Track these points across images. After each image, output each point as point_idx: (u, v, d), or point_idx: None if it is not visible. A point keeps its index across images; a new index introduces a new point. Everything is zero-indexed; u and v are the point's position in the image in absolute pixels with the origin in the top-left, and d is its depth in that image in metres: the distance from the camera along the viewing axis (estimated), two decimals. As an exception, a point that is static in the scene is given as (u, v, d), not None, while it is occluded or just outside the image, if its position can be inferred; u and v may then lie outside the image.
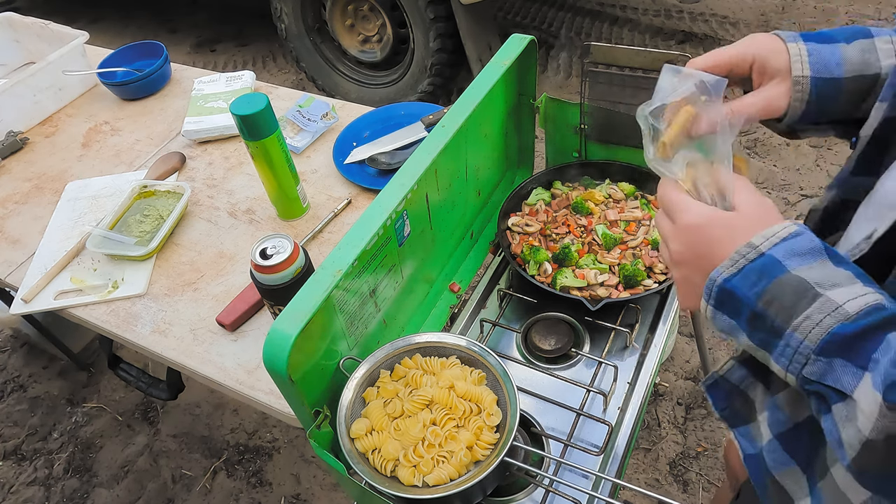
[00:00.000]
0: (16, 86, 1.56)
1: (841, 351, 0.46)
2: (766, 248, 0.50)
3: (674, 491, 1.73)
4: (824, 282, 0.48)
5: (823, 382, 0.46)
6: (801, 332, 0.47)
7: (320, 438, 0.87)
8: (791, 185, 2.48)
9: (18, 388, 2.24)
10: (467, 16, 2.57)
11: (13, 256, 1.29)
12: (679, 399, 1.90)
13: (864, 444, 0.44)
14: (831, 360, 0.46)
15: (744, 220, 0.54)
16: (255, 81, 1.63)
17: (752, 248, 0.51)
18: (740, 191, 0.56)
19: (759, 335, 0.51)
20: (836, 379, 0.46)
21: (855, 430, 0.44)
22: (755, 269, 0.50)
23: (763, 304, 0.50)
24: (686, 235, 0.58)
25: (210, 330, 1.10)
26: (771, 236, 0.51)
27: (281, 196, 1.24)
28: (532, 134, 1.33)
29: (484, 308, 1.21)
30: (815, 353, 0.47)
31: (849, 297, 0.46)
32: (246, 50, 3.84)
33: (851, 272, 0.49)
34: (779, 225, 0.51)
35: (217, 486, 1.89)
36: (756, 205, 0.55)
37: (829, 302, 0.46)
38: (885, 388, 0.42)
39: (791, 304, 0.48)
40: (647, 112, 0.63)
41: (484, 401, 0.88)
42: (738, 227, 0.54)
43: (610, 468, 0.95)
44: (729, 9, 3.51)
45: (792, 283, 0.48)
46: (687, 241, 0.58)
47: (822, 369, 0.46)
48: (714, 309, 0.54)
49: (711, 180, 0.59)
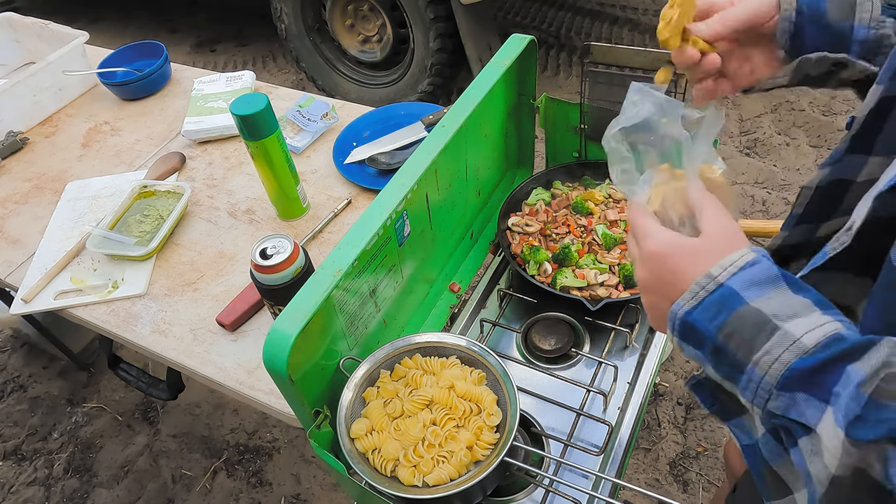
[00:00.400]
0: (16, 86, 1.56)
1: (802, 385, 0.45)
2: (724, 279, 0.50)
3: (674, 491, 1.73)
4: (781, 313, 0.47)
5: (788, 416, 0.46)
6: (760, 367, 0.47)
7: (320, 438, 0.87)
8: (791, 184, 2.48)
9: (18, 388, 2.24)
10: (467, 16, 2.57)
11: (13, 256, 1.30)
12: (679, 399, 1.90)
13: (831, 481, 0.43)
14: (794, 395, 0.45)
15: (706, 247, 0.53)
16: (255, 81, 1.63)
17: (710, 279, 0.50)
18: (706, 212, 0.56)
19: (723, 368, 0.51)
20: (800, 413, 0.45)
21: (822, 466, 0.44)
22: (714, 301, 0.50)
23: (723, 337, 0.49)
24: (650, 262, 0.57)
25: (210, 330, 1.10)
26: (729, 265, 0.50)
27: (281, 196, 1.24)
28: (532, 134, 1.33)
29: (484, 308, 1.21)
30: (776, 388, 0.46)
31: (807, 328, 0.46)
32: (246, 50, 3.84)
33: (810, 300, 0.48)
34: (736, 253, 0.51)
35: (217, 486, 1.89)
36: (721, 229, 0.54)
37: (787, 335, 0.46)
38: (847, 425, 0.41)
39: (750, 338, 0.48)
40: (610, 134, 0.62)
41: (484, 401, 0.88)
42: (700, 254, 0.53)
43: (610, 468, 0.95)
44: (729, 9, 3.51)
45: (750, 316, 0.48)
46: (651, 269, 0.57)
47: (785, 403, 0.46)
48: (679, 340, 0.54)
49: (679, 200, 0.58)
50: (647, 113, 0.61)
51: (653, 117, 0.61)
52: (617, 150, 0.62)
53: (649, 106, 0.61)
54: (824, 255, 0.53)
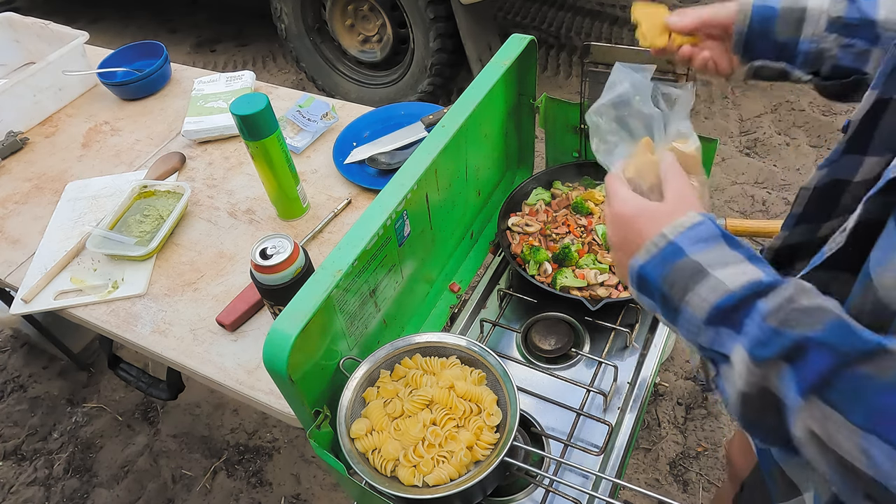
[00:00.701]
0: (16, 86, 1.56)
1: (723, 320, 0.52)
2: (673, 237, 0.57)
3: (674, 491, 1.73)
4: (714, 262, 0.54)
5: (713, 349, 0.53)
6: (692, 307, 0.54)
7: (320, 438, 0.87)
8: (791, 185, 2.48)
9: (18, 388, 2.24)
10: (467, 16, 2.57)
11: (13, 256, 1.29)
12: (679, 399, 1.90)
13: (740, 397, 0.51)
14: (718, 329, 0.52)
15: (664, 211, 0.60)
16: (255, 81, 1.63)
17: (663, 237, 0.58)
18: (670, 182, 0.63)
19: (669, 313, 0.57)
20: (721, 344, 0.52)
21: (733, 386, 0.51)
22: (663, 255, 0.57)
23: (667, 285, 0.56)
24: (616, 222, 0.64)
25: (210, 330, 1.10)
26: (678, 226, 0.57)
27: (281, 196, 1.24)
28: (532, 134, 1.33)
29: (484, 308, 1.21)
30: (704, 323, 0.53)
31: (732, 274, 0.52)
32: (246, 50, 3.84)
33: (742, 254, 0.54)
34: (687, 216, 0.58)
35: (217, 486, 1.89)
36: (679, 195, 0.62)
37: (715, 280, 0.53)
38: (751, 348, 0.48)
39: (686, 284, 0.55)
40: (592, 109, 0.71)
41: (484, 401, 0.88)
42: (659, 217, 0.60)
43: (610, 468, 0.95)
44: (729, 9, 3.51)
45: (689, 266, 0.55)
46: (617, 228, 0.64)
47: (711, 337, 0.53)
48: (636, 291, 0.61)
49: (651, 171, 0.65)
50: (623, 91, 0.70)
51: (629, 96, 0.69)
52: (597, 124, 0.70)
53: (627, 85, 0.70)
54: (822, 255, 0.57)
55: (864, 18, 0.70)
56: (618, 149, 0.69)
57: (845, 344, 0.44)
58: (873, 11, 0.69)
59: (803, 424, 0.46)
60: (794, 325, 0.47)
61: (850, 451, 0.43)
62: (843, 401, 0.43)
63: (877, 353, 0.43)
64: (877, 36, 0.69)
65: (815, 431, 0.45)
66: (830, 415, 0.44)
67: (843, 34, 0.71)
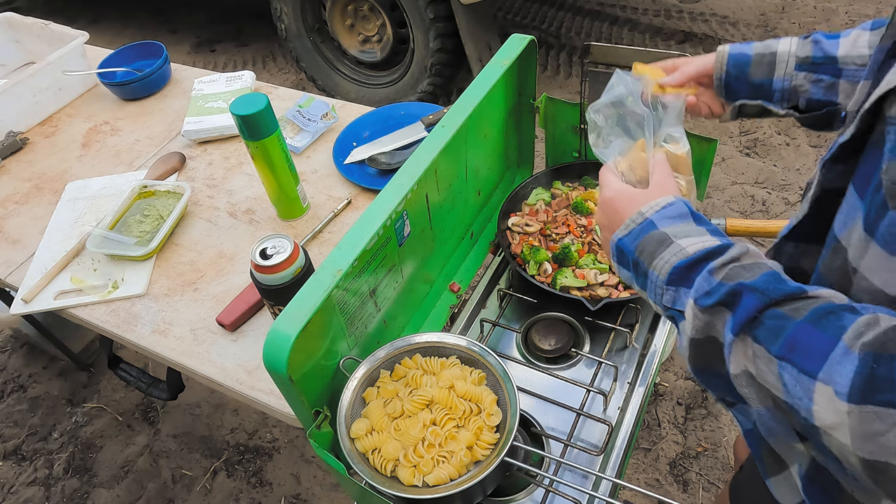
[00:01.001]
0: (16, 86, 1.56)
1: (681, 280, 0.59)
2: (649, 214, 0.65)
3: (674, 491, 1.73)
4: (679, 233, 0.61)
5: (674, 307, 0.60)
6: (656, 269, 0.61)
7: (320, 438, 0.87)
8: (791, 184, 2.48)
9: (18, 388, 2.24)
10: (467, 16, 2.57)
11: (13, 256, 1.29)
12: (679, 399, 1.90)
13: (690, 343, 0.57)
14: (678, 289, 0.59)
15: (645, 195, 0.68)
16: (255, 81, 1.63)
17: (640, 214, 0.66)
18: (655, 173, 0.72)
19: (640, 279, 0.64)
20: (680, 303, 0.59)
21: (685, 336, 0.58)
22: (637, 230, 0.65)
23: (638, 252, 0.64)
24: (604, 205, 0.72)
25: (210, 330, 1.10)
26: (654, 206, 0.66)
27: (281, 196, 1.24)
28: (532, 134, 1.33)
29: (484, 308, 1.21)
30: (665, 283, 0.60)
31: (692, 242, 0.60)
32: (246, 50, 3.84)
33: (706, 228, 0.62)
34: (663, 198, 0.66)
35: (217, 486, 1.89)
36: (660, 184, 0.70)
37: (677, 246, 0.60)
38: (697, 297, 0.56)
39: (653, 251, 0.62)
40: (591, 108, 0.80)
41: (484, 401, 0.88)
42: (640, 200, 0.68)
43: (610, 468, 0.95)
44: (729, 9, 3.51)
45: (657, 236, 0.63)
46: (603, 210, 0.73)
47: (672, 297, 0.60)
48: (616, 263, 0.69)
49: (641, 166, 0.74)
50: (620, 93, 0.78)
51: (624, 97, 0.78)
52: (594, 121, 0.79)
53: (622, 88, 0.79)
54: (790, 225, 0.63)
55: (828, 56, 0.81)
56: (613, 145, 0.76)
57: (773, 289, 0.51)
58: (834, 50, 0.81)
59: (738, 363, 0.52)
60: (735, 278, 0.54)
61: (773, 383, 0.49)
62: (767, 337, 0.50)
63: (798, 296, 0.51)
64: (839, 70, 0.81)
65: (748, 369, 0.52)
66: (757, 350, 0.50)
67: (812, 71, 0.83)
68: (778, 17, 3.42)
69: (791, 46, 0.84)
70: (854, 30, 0.82)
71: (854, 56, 0.79)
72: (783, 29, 3.31)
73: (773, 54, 0.85)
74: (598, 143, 0.79)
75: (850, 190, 0.53)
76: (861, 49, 0.79)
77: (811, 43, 0.83)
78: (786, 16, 3.42)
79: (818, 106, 0.83)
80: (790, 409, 0.48)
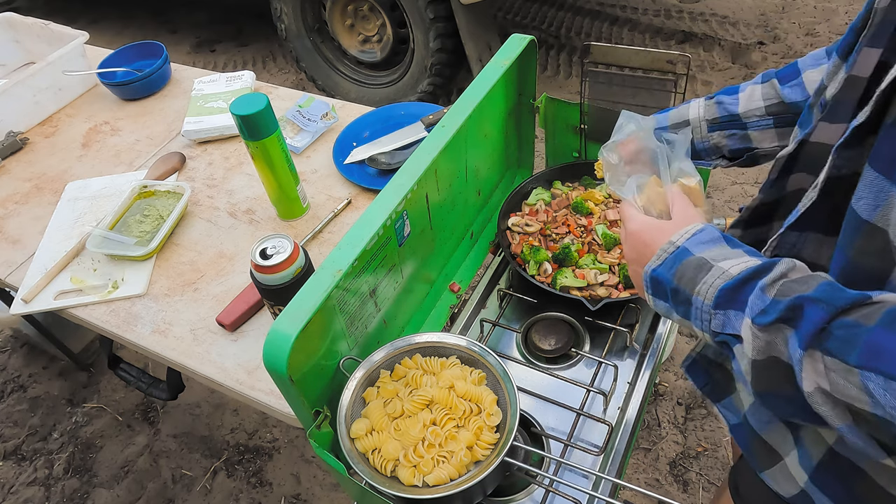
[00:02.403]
0: (16, 86, 1.56)
1: (729, 303, 0.57)
2: (680, 242, 0.65)
3: (674, 491, 1.73)
4: (718, 257, 0.61)
5: (725, 332, 0.58)
6: (701, 294, 0.60)
7: (320, 438, 0.87)
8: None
9: (18, 388, 2.24)
10: (467, 16, 2.57)
11: (13, 256, 1.29)
12: (679, 399, 1.90)
13: (752, 366, 0.55)
14: (727, 312, 0.57)
15: (671, 226, 0.68)
16: (255, 81, 1.63)
17: (671, 244, 0.65)
18: (676, 204, 0.72)
19: (681, 308, 0.63)
20: (732, 326, 0.57)
21: (745, 358, 0.55)
22: (672, 258, 0.65)
23: (677, 280, 0.63)
24: (631, 239, 0.73)
25: (210, 330, 1.10)
26: (684, 233, 0.65)
27: (281, 196, 1.24)
28: (532, 134, 1.33)
29: (484, 308, 1.21)
30: (713, 308, 0.59)
31: (734, 264, 0.59)
32: (246, 50, 3.84)
33: (742, 250, 0.61)
34: (691, 225, 0.66)
35: (217, 486, 1.89)
36: (684, 214, 0.70)
37: (718, 269, 0.59)
38: (753, 317, 0.54)
39: (693, 276, 0.61)
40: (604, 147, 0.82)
41: (484, 401, 0.88)
42: (667, 230, 0.68)
43: (610, 468, 0.95)
44: (729, 9, 3.51)
45: (695, 261, 0.62)
46: (631, 244, 0.72)
47: (721, 321, 0.58)
48: (651, 296, 0.68)
49: (659, 200, 0.75)
50: (630, 131, 0.80)
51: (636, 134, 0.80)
52: (608, 159, 0.81)
53: (633, 126, 0.80)
54: (797, 212, 0.62)
55: (731, 115, 0.90)
56: (629, 181, 0.78)
57: (836, 297, 0.50)
58: (735, 108, 0.90)
59: (811, 380, 0.49)
60: (790, 293, 0.52)
61: (855, 395, 0.46)
62: (841, 348, 0.47)
63: (863, 303, 0.49)
64: (745, 124, 0.89)
65: (823, 386, 0.49)
66: (831, 363, 0.48)
67: (723, 129, 0.91)
68: (778, 17, 3.42)
69: (699, 111, 0.93)
70: (748, 85, 0.90)
71: (752, 110, 0.88)
72: (783, 29, 3.31)
73: (687, 122, 0.94)
74: (613, 181, 0.80)
75: (868, 170, 0.51)
76: (757, 103, 0.88)
77: (715, 105, 0.92)
78: (786, 16, 3.42)
79: (740, 153, 0.92)
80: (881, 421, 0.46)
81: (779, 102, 0.86)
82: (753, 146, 0.90)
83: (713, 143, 0.93)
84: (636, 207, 0.75)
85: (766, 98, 0.87)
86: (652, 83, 1.13)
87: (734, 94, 0.91)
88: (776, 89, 0.86)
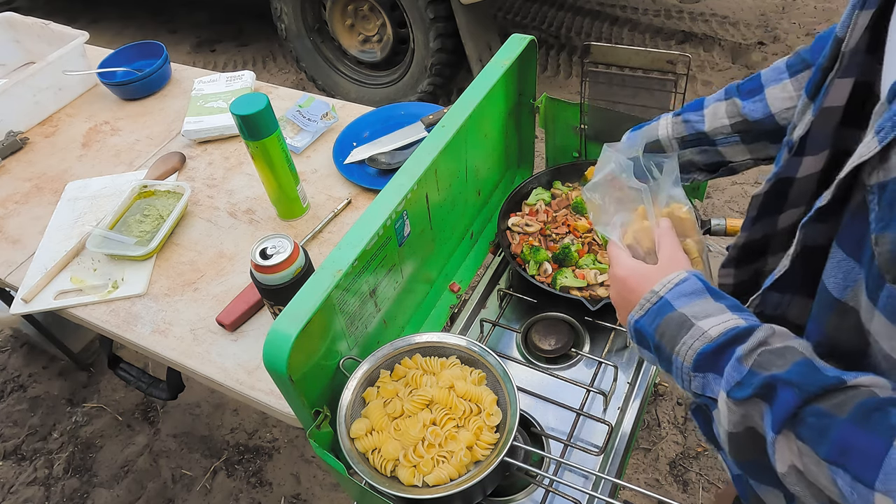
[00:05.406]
0: (16, 86, 1.56)
1: (708, 366, 0.56)
2: (663, 293, 0.63)
3: (674, 491, 1.73)
4: (699, 314, 0.59)
5: (704, 394, 0.57)
6: (680, 355, 0.59)
7: (320, 438, 0.87)
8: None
9: (18, 388, 2.24)
10: (467, 16, 2.57)
11: (13, 256, 1.29)
12: (679, 399, 1.90)
13: (728, 437, 0.54)
14: (706, 375, 0.56)
15: (656, 272, 0.67)
16: (255, 81, 1.63)
17: (654, 294, 0.64)
18: (663, 247, 0.71)
19: (664, 364, 0.62)
20: (711, 390, 0.56)
21: (723, 429, 0.55)
22: (654, 310, 0.63)
23: (658, 337, 0.62)
24: (616, 283, 0.72)
25: (210, 330, 1.10)
26: (667, 283, 0.64)
27: (281, 196, 1.24)
28: (532, 134, 1.33)
29: (484, 308, 1.21)
30: (692, 370, 0.58)
31: (714, 323, 0.57)
32: (246, 50, 3.84)
33: (725, 304, 0.59)
34: (675, 273, 0.64)
35: (217, 486, 1.89)
36: (670, 258, 0.69)
37: (698, 329, 0.58)
38: (728, 389, 0.53)
39: (674, 335, 0.60)
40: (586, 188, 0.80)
41: (484, 401, 0.88)
42: (652, 277, 0.66)
43: (610, 468, 0.95)
44: (729, 9, 3.51)
45: (676, 318, 0.60)
46: (617, 289, 0.72)
47: (701, 383, 0.57)
48: (636, 345, 0.67)
49: (646, 237, 0.74)
50: (610, 170, 0.79)
51: (616, 174, 0.78)
52: (592, 200, 0.80)
53: (612, 165, 0.78)
54: (773, 277, 0.61)
55: (699, 132, 0.88)
56: (614, 219, 0.77)
57: (808, 382, 0.48)
58: (702, 126, 0.88)
59: (784, 459, 0.49)
60: (766, 366, 0.51)
61: (826, 485, 0.46)
62: (812, 437, 0.47)
63: (837, 389, 0.47)
64: (713, 141, 0.88)
65: (797, 465, 0.48)
66: (803, 449, 0.47)
67: (693, 146, 0.90)
68: (778, 17, 3.42)
69: (668, 130, 0.91)
70: (712, 101, 0.88)
71: (718, 128, 0.87)
72: (783, 29, 3.31)
73: (657, 141, 0.93)
74: (599, 220, 0.79)
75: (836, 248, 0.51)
76: (722, 120, 0.86)
77: (682, 123, 0.90)
78: (786, 16, 3.42)
79: (714, 167, 0.92)
80: None
81: (742, 120, 0.85)
82: (727, 160, 0.90)
83: (686, 159, 0.93)
84: (622, 248, 0.74)
85: (730, 116, 0.86)
86: (652, 83, 1.13)
87: (699, 110, 0.90)
88: (738, 107, 0.85)
